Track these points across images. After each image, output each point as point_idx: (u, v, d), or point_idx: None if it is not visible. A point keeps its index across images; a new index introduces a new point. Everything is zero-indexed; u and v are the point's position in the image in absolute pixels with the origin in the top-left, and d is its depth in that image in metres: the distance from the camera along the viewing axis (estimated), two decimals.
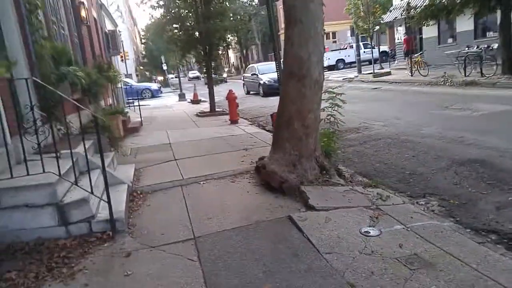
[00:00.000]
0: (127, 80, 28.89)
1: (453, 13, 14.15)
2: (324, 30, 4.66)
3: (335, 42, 41.67)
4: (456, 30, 19.39)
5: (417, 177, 5.11)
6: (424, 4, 15.37)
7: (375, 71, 20.82)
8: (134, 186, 5.25)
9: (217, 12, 12.15)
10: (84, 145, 3.94)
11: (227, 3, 12.68)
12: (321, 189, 4.37)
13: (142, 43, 48.07)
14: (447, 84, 13.91)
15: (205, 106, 15.03)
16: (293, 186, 4.39)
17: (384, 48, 30.32)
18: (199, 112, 13.54)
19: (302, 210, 3.97)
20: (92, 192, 3.81)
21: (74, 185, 3.87)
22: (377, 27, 24.53)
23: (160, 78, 47.57)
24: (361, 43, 29.19)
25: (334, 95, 5.75)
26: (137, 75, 41.92)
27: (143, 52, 51.35)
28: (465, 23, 17.82)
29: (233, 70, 59.04)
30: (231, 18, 12.04)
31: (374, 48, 26.18)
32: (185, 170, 5.90)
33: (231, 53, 61.52)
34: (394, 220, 3.61)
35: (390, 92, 14.54)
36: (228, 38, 13.37)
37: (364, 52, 27.71)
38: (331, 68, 33.93)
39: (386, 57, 28.53)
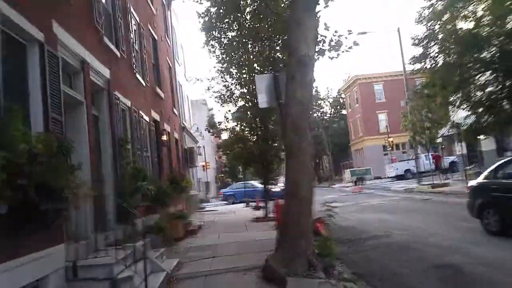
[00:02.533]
0: (254, 183, 30.55)
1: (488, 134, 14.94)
2: (313, 163, 6.41)
3: (404, 152, 42.44)
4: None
5: (397, 277, 6.07)
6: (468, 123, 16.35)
7: (435, 182, 21.25)
8: (173, 273, 6.95)
9: (272, 135, 14.68)
10: (134, 243, 5.86)
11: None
12: (302, 281, 5.63)
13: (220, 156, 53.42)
14: None
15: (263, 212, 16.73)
16: (280, 277, 5.72)
17: (453, 158, 30.54)
18: (255, 218, 15.27)
19: None
20: (136, 272, 5.61)
21: (126, 268, 5.73)
22: (439, 140, 25.43)
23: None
24: (429, 154, 29.89)
25: (330, 208, 7.20)
26: (216, 183, 46.00)
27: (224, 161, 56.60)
28: None
29: None
30: None
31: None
32: (215, 264, 7.50)
33: None
34: None
35: (435, 204, 15.10)
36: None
37: (433, 162, 28.11)
38: (400, 177, 34.65)
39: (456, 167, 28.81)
